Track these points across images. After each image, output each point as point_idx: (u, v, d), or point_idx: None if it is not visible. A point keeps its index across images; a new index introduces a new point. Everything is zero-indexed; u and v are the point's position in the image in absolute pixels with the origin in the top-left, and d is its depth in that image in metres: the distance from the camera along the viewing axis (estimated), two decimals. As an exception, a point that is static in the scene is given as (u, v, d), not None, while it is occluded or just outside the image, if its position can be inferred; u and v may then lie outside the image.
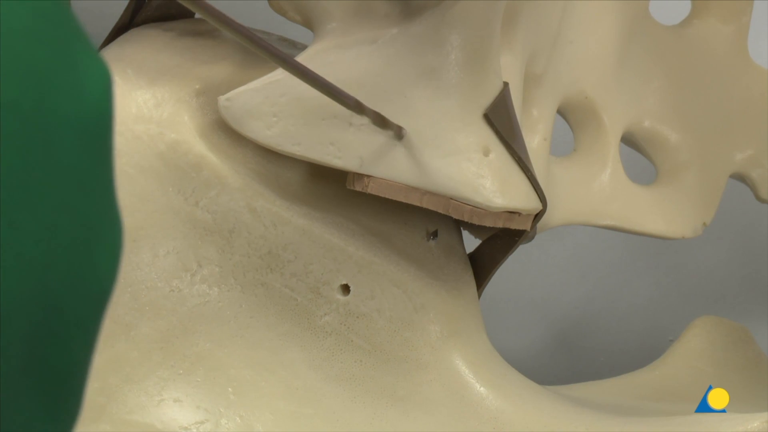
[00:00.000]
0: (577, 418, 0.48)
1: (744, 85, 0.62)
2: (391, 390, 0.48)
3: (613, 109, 0.58)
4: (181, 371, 0.46)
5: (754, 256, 0.79)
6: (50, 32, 0.25)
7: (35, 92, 0.24)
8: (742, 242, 0.79)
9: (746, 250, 0.79)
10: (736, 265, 0.79)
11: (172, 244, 0.47)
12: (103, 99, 0.26)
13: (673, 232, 0.60)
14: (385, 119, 0.44)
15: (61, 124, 0.25)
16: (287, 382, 0.47)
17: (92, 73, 0.26)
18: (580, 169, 0.57)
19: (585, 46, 0.56)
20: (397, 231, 0.49)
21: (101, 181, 0.27)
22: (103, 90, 0.26)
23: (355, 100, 0.42)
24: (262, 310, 0.47)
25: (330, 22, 0.47)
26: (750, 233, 0.79)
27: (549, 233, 0.59)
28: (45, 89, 0.24)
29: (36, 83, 0.24)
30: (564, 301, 0.81)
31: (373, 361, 0.48)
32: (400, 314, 0.49)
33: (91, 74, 0.26)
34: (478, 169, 0.46)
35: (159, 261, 0.46)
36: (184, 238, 0.46)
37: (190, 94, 0.47)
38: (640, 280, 0.79)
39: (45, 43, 0.25)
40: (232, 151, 0.47)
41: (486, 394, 0.48)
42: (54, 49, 0.25)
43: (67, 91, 0.25)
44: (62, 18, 0.25)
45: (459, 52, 0.46)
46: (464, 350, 0.49)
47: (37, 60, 0.24)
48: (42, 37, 0.25)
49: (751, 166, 0.63)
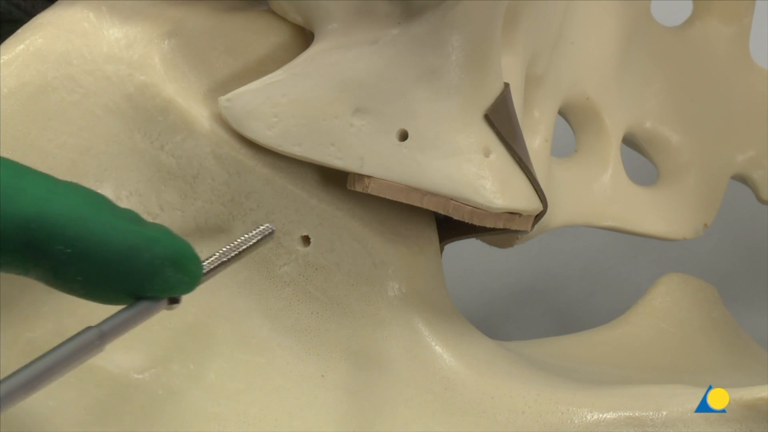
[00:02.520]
0: (529, 382, 0.47)
1: (745, 86, 0.62)
2: (346, 344, 0.48)
3: (615, 110, 0.58)
4: None
5: (754, 256, 0.79)
6: None
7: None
8: (743, 241, 0.79)
9: (747, 250, 0.79)
10: (736, 262, 0.79)
11: (135, 186, 0.46)
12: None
13: (674, 233, 0.60)
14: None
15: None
16: (242, 331, 0.47)
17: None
18: (581, 170, 0.57)
19: (586, 47, 0.56)
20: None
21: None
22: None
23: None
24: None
25: (331, 23, 0.47)
26: (751, 233, 0.79)
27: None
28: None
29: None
30: (565, 295, 0.81)
31: (330, 314, 0.48)
32: (359, 269, 0.48)
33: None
34: (479, 170, 0.46)
35: (121, 203, 0.46)
36: (147, 182, 0.46)
37: (162, 36, 0.47)
38: (642, 275, 0.79)
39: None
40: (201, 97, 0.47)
41: (441, 353, 0.48)
42: None
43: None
44: None
45: (460, 52, 0.46)
46: (422, 308, 0.49)
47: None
48: None
49: (752, 168, 0.63)
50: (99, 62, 0.46)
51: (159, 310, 0.39)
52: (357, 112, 0.46)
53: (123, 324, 0.38)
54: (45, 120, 0.45)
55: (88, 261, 0.37)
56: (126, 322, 0.38)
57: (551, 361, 0.54)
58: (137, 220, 0.39)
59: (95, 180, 0.46)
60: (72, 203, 0.37)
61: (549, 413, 0.46)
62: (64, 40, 0.46)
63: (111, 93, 0.46)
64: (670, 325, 0.60)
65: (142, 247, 0.37)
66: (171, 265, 0.38)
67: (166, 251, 0.38)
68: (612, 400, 0.46)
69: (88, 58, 0.46)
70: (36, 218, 0.36)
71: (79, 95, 0.46)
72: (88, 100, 0.46)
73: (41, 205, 0.37)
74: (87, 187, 0.39)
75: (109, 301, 0.38)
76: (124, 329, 0.38)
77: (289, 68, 0.46)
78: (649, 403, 0.45)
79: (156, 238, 0.38)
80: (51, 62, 0.46)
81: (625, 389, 0.47)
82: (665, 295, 0.61)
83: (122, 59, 0.46)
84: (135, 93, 0.46)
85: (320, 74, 0.46)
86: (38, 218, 0.36)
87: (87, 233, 0.37)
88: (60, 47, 0.46)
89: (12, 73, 0.45)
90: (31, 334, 0.44)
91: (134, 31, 0.47)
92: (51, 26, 0.46)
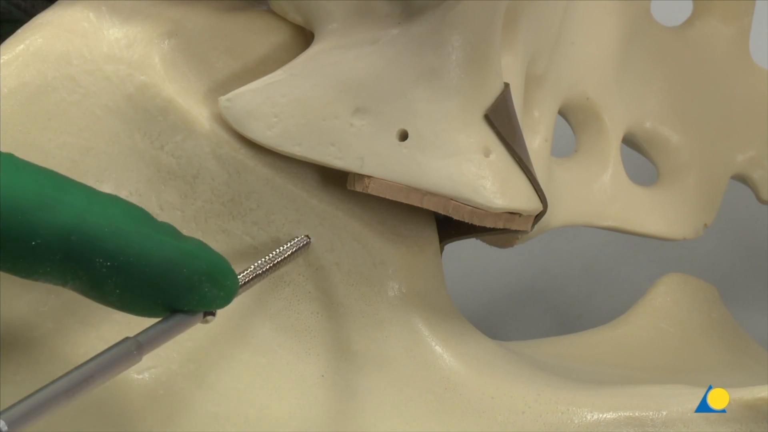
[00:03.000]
0: (530, 382, 0.47)
1: (745, 86, 0.62)
2: (346, 344, 0.48)
3: (615, 110, 0.58)
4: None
5: (754, 257, 0.79)
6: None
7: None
8: (743, 241, 0.79)
9: (747, 248, 0.79)
10: (737, 262, 0.79)
11: (135, 186, 0.46)
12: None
13: (674, 233, 0.60)
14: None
15: None
16: (242, 331, 0.47)
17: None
18: (581, 170, 0.57)
19: (586, 47, 0.56)
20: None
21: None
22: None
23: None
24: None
25: (331, 23, 0.47)
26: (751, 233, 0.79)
27: (550, 229, 0.59)
28: None
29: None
30: (565, 295, 0.81)
31: (330, 314, 0.48)
32: (359, 269, 0.48)
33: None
34: (479, 170, 0.46)
35: None
36: (147, 182, 0.46)
37: (162, 36, 0.47)
38: (642, 274, 0.79)
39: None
40: (201, 97, 0.47)
41: (441, 353, 0.48)
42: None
43: None
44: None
45: (460, 52, 0.46)
46: (422, 308, 0.49)
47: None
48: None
49: (752, 168, 0.63)
50: (99, 62, 0.46)
51: (194, 323, 0.40)
52: (357, 112, 0.46)
53: (159, 336, 0.39)
54: (45, 120, 0.45)
55: (126, 274, 0.37)
56: (162, 334, 0.39)
57: (551, 361, 0.54)
58: (175, 234, 0.40)
59: (95, 180, 0.46)
60: (112, 216, 0.38)
61: (549, 413, 0.46)
62: (65, 40, 0.46)
63: (111, 93, 0.46)
64: (670, 325, 0.60)
65: (180, 262, 0.38)
66: (208, 280, 0.39)
67: (204, 266, 0.39)
68: (612, 400, 0.46)
69: (88, 58, 0.46)
70: (76, 230, 0.37)
71: (80, 95, 0.46)
72: (88, 100, 0.46)
73: (82, 217, 0.37)
74: (126, 200, 0.39)
75: (145, 314, 0.39)
76: (160, 341, 0.39)
77: (289, 68, 0.46)
78: (649, 403, 0.45)
79: (194, 253, 0.39)
80: (51, 62, 0.46)
81: (625, 389, 0.47)
82: (665, 295, 0.61)
83: (122, 59, 0.46)
84: (135, 93, 0.46)
85: (320, 74, 0.46)
86: (78, 230, 0.37)
87: (126, 246, 0.37)
88: (60, 47, 0.46)
89: (12, 72, 0.45)
90: (30, 334, 0.44)
91: (134, 31, 0.47)
92: (51, 26, 0.46)
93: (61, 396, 0.35)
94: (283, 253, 0.46)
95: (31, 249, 0.37)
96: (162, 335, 0.39)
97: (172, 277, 0.38)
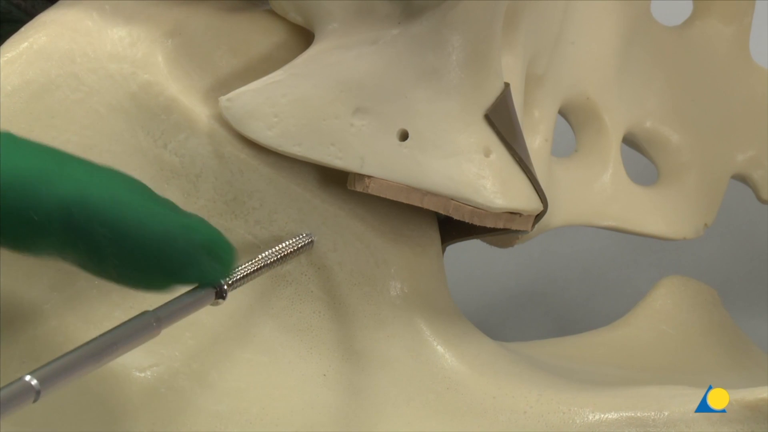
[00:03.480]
0: (531, 382, 0.47)
1: (745, 86, 0.62)
2: (348, 343, 0.48)
3: (615, 109, 0.58)
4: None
5: (755, 257, 0.79)
6: None
7: None
8: (744, 243, 0.79)
9: (747, 250, 0.79)
10: (737, 264, 0.79)
11: None
12: None
13: (675, 233, 0.60)
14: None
15: None
16: (245, 329, 0.48)
17: None
18: (582, 170, 0.57)
19: (586, 47, 0.56)
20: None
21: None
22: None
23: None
24: None
25: (331, 23, 0.47)
26: (751, 233, 0.79)
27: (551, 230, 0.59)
28: None
29: None
30: (565, 299, 0.81)
31: (332, 314, 0.48)
32: (362, 268, 0.49)
33: None
34: (479, 170, 0.46)
35: None
36: (150, 180, 0.46)
37: (165, 35, 0.47)
38: (641, 278, 0.79)
39: None
40: (204, 96, 0.47)
41: (443, 352, 0.48)
42: None
43: None
44: None
45: (460, 52, 0.46)
46: (424, 308, 0.49)
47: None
48: None
49: (752, 167, 0.63)
50: (102, 60, 0.46)
51: (207, 302, 0.41)
52: (357, 112, 0.46)
53: (176, 312, 0.40)
54: (48, 118, 0.45)
55: (125, 244, 0.38)
56: (178, 310, 0.40)
57: (552, 361, 0.54)
58: (175, 208, 0.40)
59: None
60: (112, 188, 0.38)
61: (551, 413, 0.46)
62: (68, 39, 0.46)
63: (114, 91, 0.46)
64: (670, 327, 0.60)
65: (178, 234, 0.38)
66: (205, 252, 0.39)
67: (201, 238, 0.39)
68: (613, 401, 0.46)
69: (92, 57, 0.46)
70: (77, 201, 0.37)
71: (83, 93, 0.46)
72: (92, 98, 0.46)
73: (83, 188, 0.37)
74: (127, 174, 0.40)
75: (143, 287, 0.39)
76: (177, 317, 0.40)
77: (289, 68, 0.46)
78: (651, 404, 0.45)
79: (192, 226, 0.39)
80: (54, 60, 0.46)
81: (626, 389, 0.47)
82: (666, 297, 0.61)
83: (126, 58, 0.46)
84: (138, 91, 0.46)
85: (320, 74, 0.46)
86: (79, 201, 0.37)
87: (125, 217, 0.38)
88: (64, 45, 0.46)
89: (15, 71, 0.45)
90: (33, 331, 0.44)
91: (137, 29, 0.47)
92: (54, 24, 0.46)
93: (88, 360, 0.36)
94: (286, 248, 0.46)
95: (32, 222, 0.37)
96: (178, 311, 0.40)
97: (169, 247, 0.38)
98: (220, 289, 0.41)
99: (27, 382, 0.34)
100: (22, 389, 0.34)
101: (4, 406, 0.33)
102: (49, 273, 0.45)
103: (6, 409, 0.34)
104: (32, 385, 0.34)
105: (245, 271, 0.44)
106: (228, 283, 0.42)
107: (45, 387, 0.35)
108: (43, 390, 0.34)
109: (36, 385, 0.34)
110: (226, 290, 0.42)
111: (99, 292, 0.46)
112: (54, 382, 0.35)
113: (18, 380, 0.34)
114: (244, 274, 0.44)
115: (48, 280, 0.45)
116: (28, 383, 0.34)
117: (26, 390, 0.34)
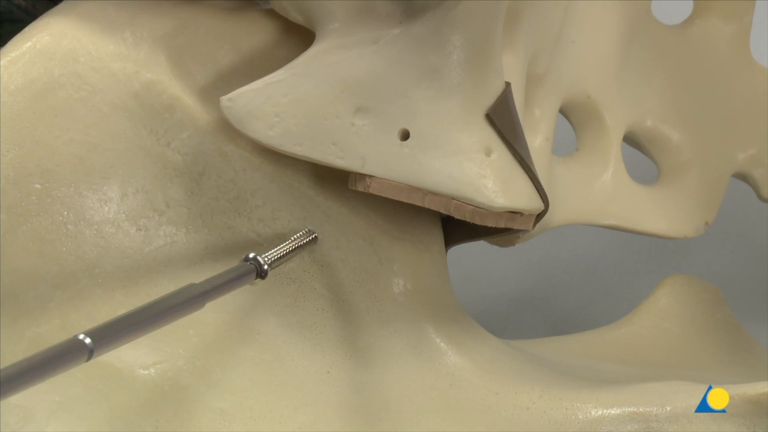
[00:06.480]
0: (534, 378, 0.48)
1: (746, 84, 0.62)
2: (352, 340, 0.48)
3: (615, 108, 0.58)
4: None
5: (755, 256, 0.79)
6: None
7: None
8: (744, 242, 0.79)
9: (748, 250, 0.79)
10: (737, 265, 0.79)
11: (141, 183, 0.47)
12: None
13: (675, 231, 0.60)
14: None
15: None
16: (248, 327, 0.48)
17: None
18: (582, 169, 0.57)
19: (587, 46, 0.56)
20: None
21: None
22: None
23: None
24: (227, 253, 0.48)
25: (332, 23, 0.47)
26: (752, 233, 0.79)
27: (551, 234, 0.59)
28: None
29: None
30: (565, 302, 0.81)
31: (335, 311, 0.49)
32: (365, 266, 0.49)
33: None
34: (480, 170, 0.46)
35: (127, 200, 0.47)
36: (153, 179, 0.47)
37: (168, 35, 0.47)
38: (642, 281, 0.79)
39: None
40: (206, 94, 0.47)
41: (445, 349, 0.49)
42: None
43: None
44: None
45: (461, 52, 0.46)
46: (428, 305, 0.49)
47: None
48: None
49: (753, 166, 0.63)
50: (106, 60, 0.46)
51: (247, 281, 0.43)
52: (358, 111, 0.46)
53: (218, 287, 0.41)
54: (52, 117, 0.45)
55: None
56: (221, 286, 0.41)
57: (555, 358, 0.54)
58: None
59: (101, 177, 0.46)
60: None
61: (553, 409, 0.46)
62: (71, 38, 0.46)
63: (118, 90, 0.46)
64: (674, 325, 0.60)
65: None
66: None
67: None
68: (616, 396, 0.46)
69: (95, 56, 0.46)
70: None
71: (86, 92, 0.46)
72: (95, 97, 0.46)
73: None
74: None
75: None
76: (219, 292, 0.41)
77: (290, 68, 0.46)
78: (653, 399, 0.45)
79: None
80: (58, 59, 0.46)
81: (629, 385, 0.47)
82: (669, 296, 0.61)
83: (129, 57, 0.47)
84: (141, 90, 0.46)
85: (321, 74, 0.46)
86: None
87: None
88: (67, 45, 0.46)
89: (19, 70, 0.45)
90: (36, 329, 0.44)
91: (140, 29, 0.47)
92: (58, 24, 0.46)
93: (139, 323, 0.37)
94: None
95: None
96: (221, 287, 0.41)
97: None
98: (260, 269, 0.43)
99: (81, 340, 0.34)
100: (74, 346, 0.34)
101: (56, 363, 0.33)
102: (52, 271, 0.45)
103: (58, 366, 0.33)
104: (86, 343, 0.34)
105: (282, 251, 0.45)
106: (267, 263, 0.43)
107: (98, 347, 0.34)
108: (96, 350, 0.34)
109: (90, 344, 0.34)
110: (267, 270, 0.43)
111: (103, 290, 0.46)
112: (107, 343, 0.35)
113: (71, 338, 0.34)
114: (281, 254, 0.45)
115: (51, 279, 0.45)
116: (82, 341, 0.34)
117: (79, 348, 0.34)
